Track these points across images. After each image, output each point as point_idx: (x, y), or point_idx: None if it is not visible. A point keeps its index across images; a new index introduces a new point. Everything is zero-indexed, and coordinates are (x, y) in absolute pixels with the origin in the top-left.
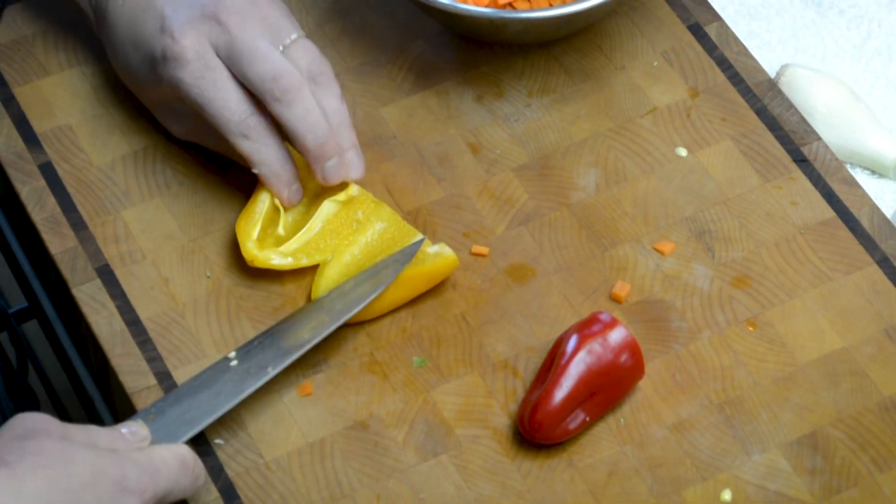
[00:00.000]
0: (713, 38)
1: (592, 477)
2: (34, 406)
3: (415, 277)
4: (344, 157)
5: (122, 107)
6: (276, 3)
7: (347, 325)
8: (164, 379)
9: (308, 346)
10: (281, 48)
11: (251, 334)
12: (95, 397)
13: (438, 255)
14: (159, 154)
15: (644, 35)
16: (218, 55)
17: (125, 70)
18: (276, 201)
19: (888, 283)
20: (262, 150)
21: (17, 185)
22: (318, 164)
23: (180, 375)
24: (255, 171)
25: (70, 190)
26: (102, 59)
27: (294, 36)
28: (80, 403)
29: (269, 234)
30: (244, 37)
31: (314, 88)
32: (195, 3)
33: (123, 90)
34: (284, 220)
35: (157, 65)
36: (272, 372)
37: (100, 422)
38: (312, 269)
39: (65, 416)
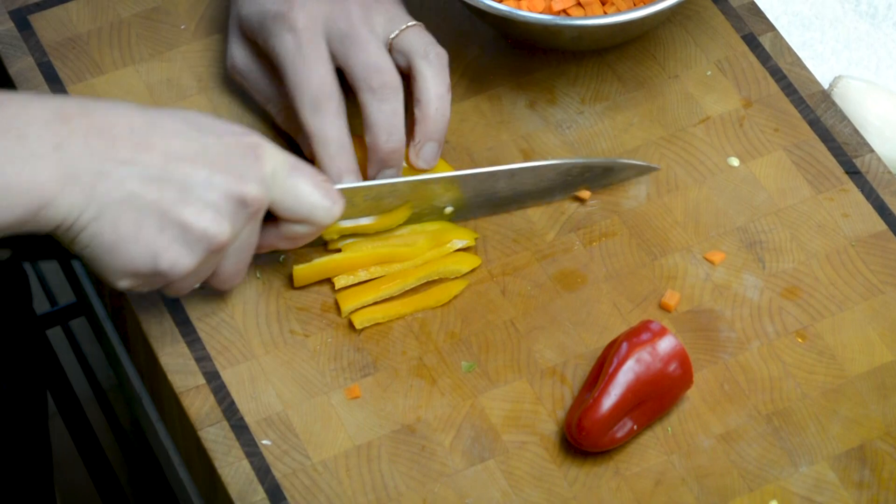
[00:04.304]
0: (767, 48)
1: (639, 485)
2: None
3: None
4: (422, 147)
5: (175, 106)
6: None
7: (399, 322)
8: (213, 379)
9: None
10: (393, 35)
11: (300, 335)
12: (143, 395)
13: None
14: None
15: (698, 44)
16: (327, 35)
17: None
18: None
19: None
20: (326, 130)
21: None
22: (377, 167)
23: (228, 376)
24: (313, 148)
25: None
26: (156, 58)
27: (409, 24)
28: (125, 401)
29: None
30: (361, 30)
31: (425, 69)
32: None
33: (177, 90)
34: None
35: (265, 15)
36: None
37: (146, 421)
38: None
39: (110, 413)
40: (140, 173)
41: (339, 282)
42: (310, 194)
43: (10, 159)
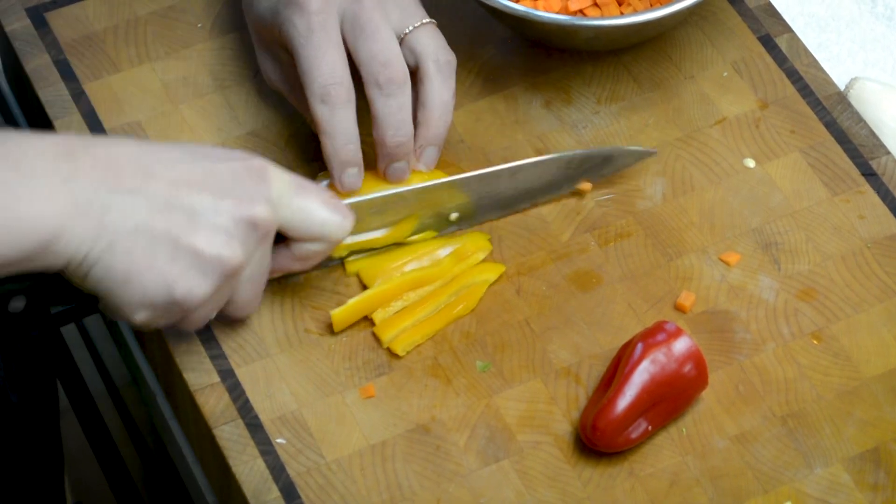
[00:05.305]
0: (783, 49)
1: (653, 486)
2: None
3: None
4: (423, 151)
5: (191, 104)
6: None
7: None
8: (228, 377)
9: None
10: (408, 30)
11: (315, 334)
12: (157, 393)
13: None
14: None
15: (714, 45)
16: (341, 19)
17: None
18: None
19: None
20: (333, 122)
21: None
22: (386, 161)
23: (243, 374)
24: (319, 138)
25: None
26: (172, 56)
27: (423, 20)
28: (140, 399)
29: None
30: (374, 15)
31: (434, 75)
32: None
33: (193, 88)
34: None
35: (279, 3)
36: None
37: (161, 419)
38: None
39: (124, 411)
40: (147, 203)
41: (378, 316)
42: (319, 211)
43: (20, 193)
